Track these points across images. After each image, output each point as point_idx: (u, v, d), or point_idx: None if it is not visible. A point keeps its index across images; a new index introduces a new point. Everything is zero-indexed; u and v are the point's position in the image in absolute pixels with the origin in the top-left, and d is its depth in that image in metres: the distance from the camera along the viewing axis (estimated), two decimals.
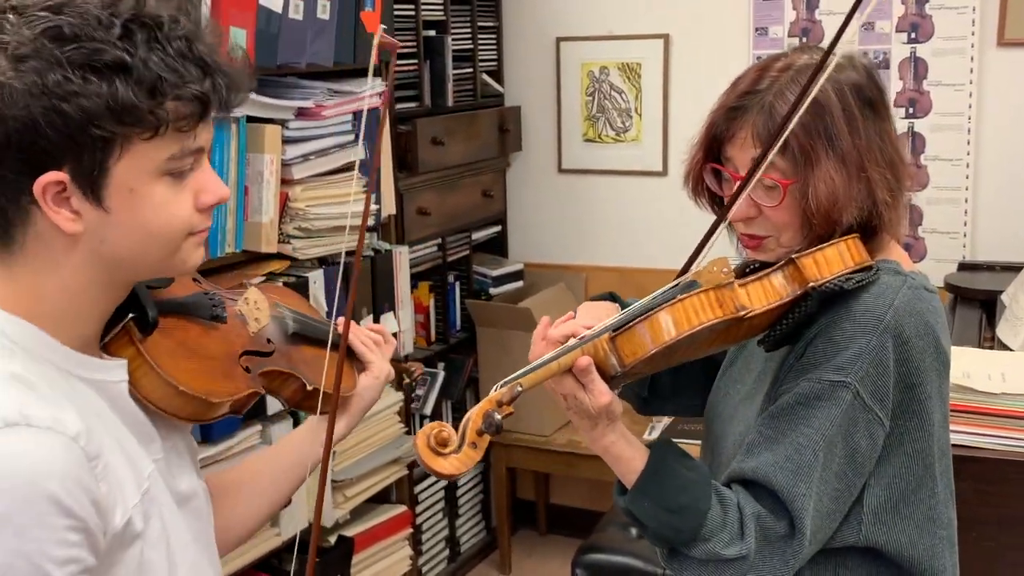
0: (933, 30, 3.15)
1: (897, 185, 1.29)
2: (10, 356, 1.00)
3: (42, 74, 0.95)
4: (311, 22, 2.51)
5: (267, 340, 1.32)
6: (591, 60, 3.62)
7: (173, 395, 1.14)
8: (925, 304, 1.25)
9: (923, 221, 3.25)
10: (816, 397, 1.21)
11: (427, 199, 3.25)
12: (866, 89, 1.28)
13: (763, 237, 1.31)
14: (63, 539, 0.96)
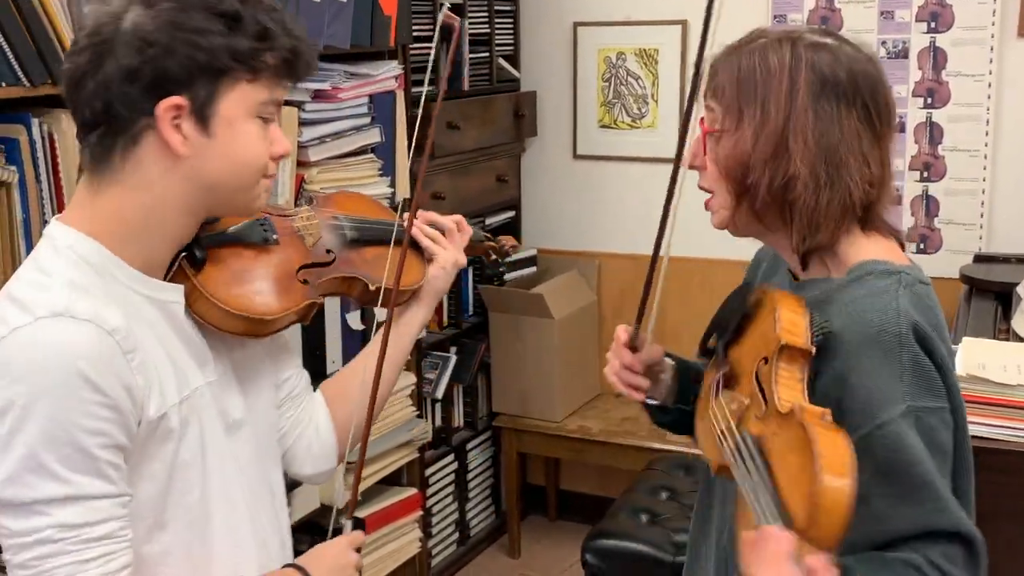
0: (953, 20, 3.13)
1: (831, 170, 1.27)
2: (74, 267, 1.17)
3: (176, 13, 1.15)
4: (328, 4, 2.51)
5: (327, 251, 1.43)
6: (608, 45, 3.61)
7: (229, 317, 1.27)
8: (924, 300, 1.26)
9: (939, 212, 3.24)
10: (896, 437, 1.20)
11: (442, 183, 3.25)
12: (831, 74, 1.28)
13: (710, 193, 1.37)
14: (92, 412, 1.11)
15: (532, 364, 3.50)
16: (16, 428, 1.09)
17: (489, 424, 3.66)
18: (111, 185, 1.19)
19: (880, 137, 1.31)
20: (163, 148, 1.18)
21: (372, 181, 2.75)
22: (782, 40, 1.32)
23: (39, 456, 1.09)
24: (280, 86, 1.24)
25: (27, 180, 1.84)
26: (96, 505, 1.12)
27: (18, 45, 1.82)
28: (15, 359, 1.10)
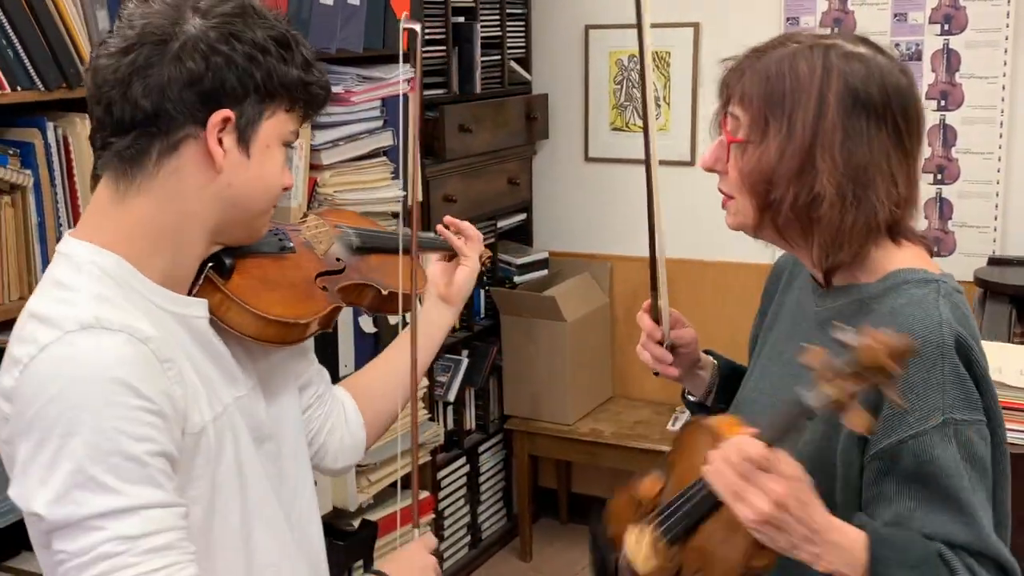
0: (967, 22, 3.12)
1: (858, 190, 1.23)
2: (99, 281, 1.13)
3: (237, 27, 1.15)
4: (341, 8, 2.52)
5: (336, 259, 1.43)
6: (619, 48, 3.61)
7: (265, 324, 1.25)
8: (961, 311, 1.24)
9: (953, 215, 3.22)
10: (931, 447, 1.18)
11: (453, 186, 3.25)
12: (863, 89, 1.23)
13: (729, 197, 1.33)
14: (136, 417, 1.07)
15: (544, 367, 3.50)
16: (60, 446, 1.05)
17: (501, 427, 3.66)
18: (140, 194, 1.16)
19: (909, 155, 1.27)
20: (203, 160, 1.16)
21: (384, 184, 2.75)
22: (814, 47, 1.26)
23: (87, 470, 1.05)
24: (303, 119, 1.24)
25: (42, 184, 1.85)
26: (153, 515, 1.07)
27: (33, 49, 1.83)
28: (50, 376, 1.07)
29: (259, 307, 1.24)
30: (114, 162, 1.16)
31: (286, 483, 1.33)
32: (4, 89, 1.80)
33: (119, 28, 1.16)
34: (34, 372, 1.08)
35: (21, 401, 1.08)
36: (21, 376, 1.08)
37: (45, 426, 1.06)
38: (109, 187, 1.17)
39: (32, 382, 1.07)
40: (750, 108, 1.27)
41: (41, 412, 1.06)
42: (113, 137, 1.15)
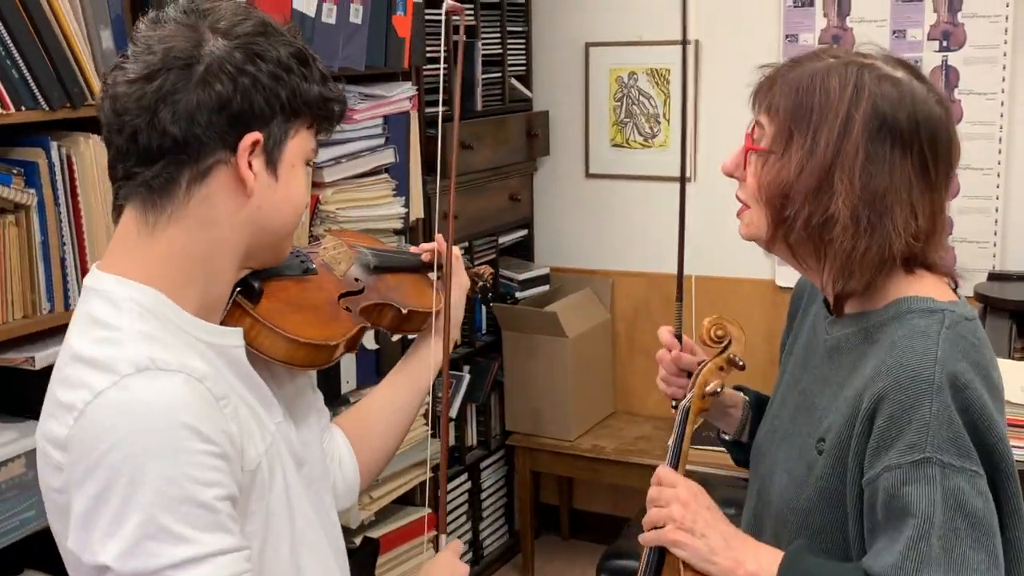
0: (965, 38, 3.14)
1: (873, 216, 1.21)
2: (141, 318, 1.10)
3: (259, 46, 1.12)
4: (343, 26, 2.53)
5: (355, 279, 1.42)
6: (620, 65, 3.63)
7: (296, 348, 1.24)
8: (968, 340, 1.20)
9: (953, 230, 3.23)
10: (904, 483, 1.15)
11: (455, 203, 3.26)
12: (891, 114, 1.21)
13: (745, 205, 1.31)
14: (204, 463, 1.04)
15: (545, 383, 3.50)
16: (127, 496, 1.01)
17: (502, 443, 3.66)
18: (170, 224, 1.12)
19: (934, 187, 1.24)
20: (234, 185, 1.13)
21: (386, 201, 2.76)
22: (850, 64, 1.24)
23: (157, 519, 1.01)
24: (318, 135, 1.22)
25: (46, 203, 1.86)
26: (223, 562, 1.04)
27: (37, 69, 1.85)
28: (110, 423, 1.02)
29: (290, 330, 1.22)
30: (141, 192, 1.12)
31: (323, 505, 1.32)
32: (8, 109, 1.81)
33: (136, 53, 1.12)
34: (92, 419, 1.03)
35: (78, 449, 1.04)
36: (77, 424, 1.04)
37: (109, 476, 1.02)
38: (137, 218, 1.13)
39: (90, 429, 1.03)
40: (776, 119, 1.25)
41: (103, 461, 1.02)
42: (139, 167, 1.11)
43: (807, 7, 3.30)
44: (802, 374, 1.38)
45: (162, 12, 1.15)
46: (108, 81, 1.14)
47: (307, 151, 1.19)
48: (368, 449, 1.48)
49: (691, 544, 1.27)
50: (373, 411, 1.51)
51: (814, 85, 1.23)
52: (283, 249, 1.24)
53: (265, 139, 1.13)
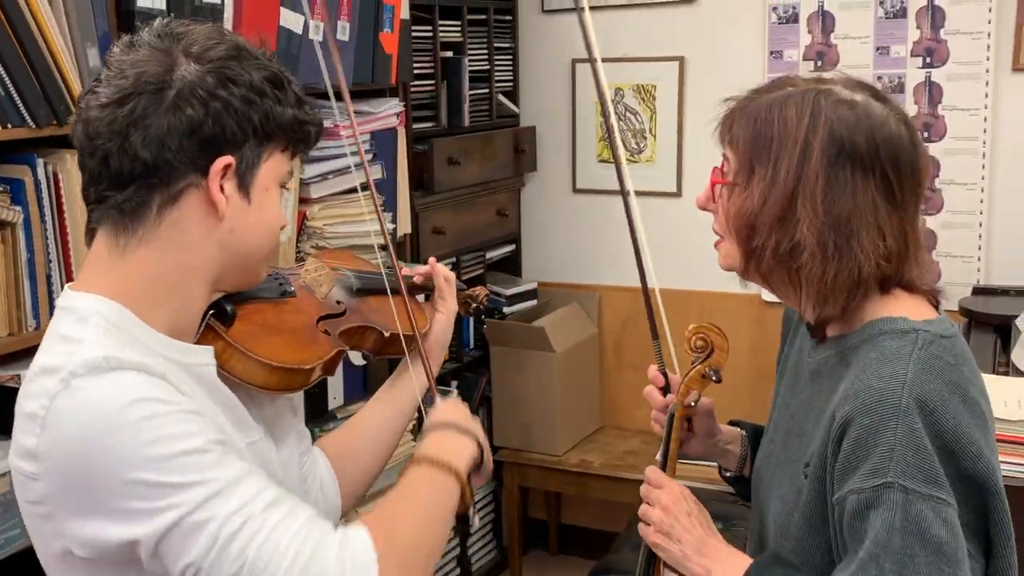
0: (948, 55, 3.16)
1: (840, 241, 1.20)
2: (106, 332, 1.10)
3: (231, 70, 1.12)
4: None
5: (336, 302, 1.40)
6: (606, 82, 3.64)
7: (269, 372, 1.22)
8: (943, 360, 1.18)
9: (938, 245, 3.25)
10: (866, 507, 1.15)
11: (442, 218, 3.27)
12: (848, 139, 1.20)
13: (721, 238, 1.33)
14: (176, 419, 1.05)
15: (533, 398, 3.50)
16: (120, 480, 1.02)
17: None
18: (141, 246, 1.13)
19: (900, 207, 1.22)
20: (205, 208, 1.13)
21: (373, 217, 2.76)
22: (807, 92, 1.24)
23: (159, 481, 1.02)
24: (294, 157, 1.22)
25: (32, 220, 1.86)
26: (248, 483, 1.06)
27: (23, 86, 1.85)
28: (74, 423, 1.03)
29: (262, 354, 1.22)
30: (113, 215, 1.13)
31: None
32: None
33: (109, 77, 1.13)
34: (55, 423, 1.04)
35: (50, 455, 1.05)
36: (43, 431, 1.05)
37: (91, 466, 1.03)
38: (108, 241, 1.14)
39: (57, 433, 1.04)
40: (738, 151, 1.27)
41: (79, 455, 1.03)
42: (111, 190, 1.12)
43: (791, 24, 3.33)
44: (791, 398, 1.38)
45: (136, 36, 1.15)
46: (81, 105, 1.14)
47: (282, 174, 1.20)
48: (352, 472, 1.47)
49: (667, 548, 1.34)
50: (357, 434, 1.50)
51: (771, 116, 1.24)
52: (257, 272, 1.24)
53: (237, 162, 1.14)
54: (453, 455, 1.26)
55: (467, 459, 1.28)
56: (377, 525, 1.12)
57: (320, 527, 1.08)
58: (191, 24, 1.17)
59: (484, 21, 3.52)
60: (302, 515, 1.08)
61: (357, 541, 1.09)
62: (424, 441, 1.28)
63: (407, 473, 1.22)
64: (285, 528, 1.06)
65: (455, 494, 1.23)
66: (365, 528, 1.11)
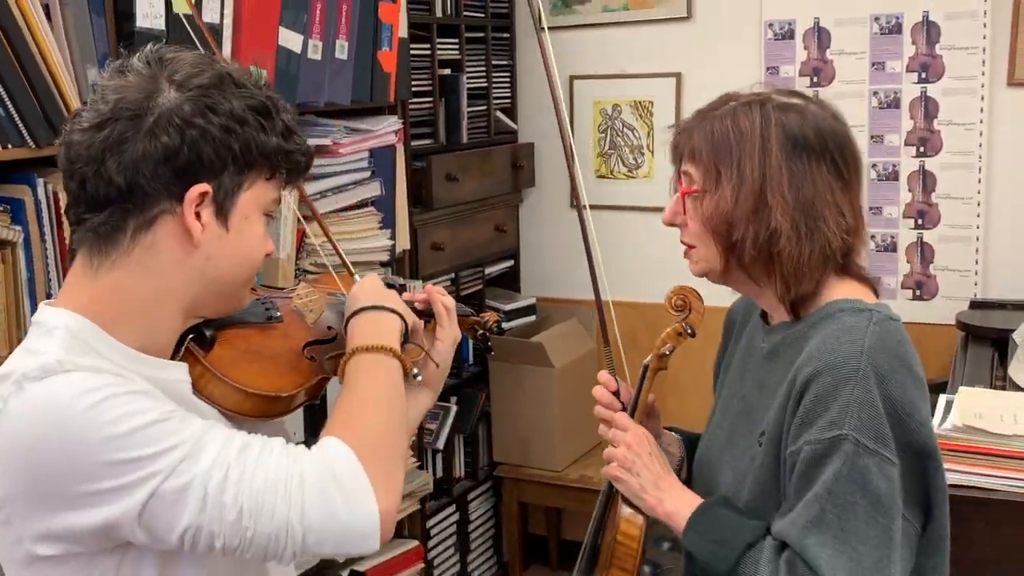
0: (943, 70, 3.18)
1: (810, 223, 1.35)
2: (67, 344, 1.10)
3: (212, 98, 1.13)
4: (329, 62, 2.56)
5: (328, 327, 1.39)
6: (604, 98, 3.66)
7: (244, 399, 1.22)
8: (894, 336, 1.32)
9: (935, 259, 3.26)
10: (821, 456, 1.27)
11: (441, 234, 3.28)
12: (800, 134, 1.36)
13: (691, 246, 1.44)
14: (127, 399, 1.06)
15: (532, 413, 3.51)
16: (86, 469, 1.04)
17: (490, 474, 3.66)
18: (113, 269, 1.14)
19: (849, 187, 1.39)
20: (180, 235, 1.14)
21: (372, 234, 2.78)
22: (751, 103, 1.39)
23: (125, 458, 1.04)
24: (285, 186, 1.23)
25: (32, 239, 1.87)
26: (213, 435, 1.08)
27: (23, 106, 1.86)
28: (25, 426, 1.05)
29: (238, 379, 1.21)
30: (89, 237, 1.15)
31: None
32: None
33: (92, 102, 1.15)
34: (6, 426, 1.06)
35: (6, 459, 1.07)
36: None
37: (52, 459, 1.04)
38: (84, 263, 1.16)
39: (9, 436, 1.06)
40: (701, 161, 1.39)
41: (38, 452, 1.04)
42: (88, 213, 1.14)
43: (787, 40, 3.35)
44: (740, 385, 1.50)
45: (127, 61, 1.17)
46: (65, 128, 1.16)
47: (265, 202, 1.20)
48: None
49: (626, 481, 1.48)
50: None
51: (726, 127, 1.37)
52: (238, 299, 1.24)
53: (215, 190, 1.14)
54: (380, 334, 1.28)
55: (395, 332, 1.31)
56: (340, 429, 1.16)
57: (295, 450, 1.12)
58: (181, 51, 1.19)
59: (482, 39, 3.54)
60: (276, 447, 1.11)
61: (331, 447, 1.13)
62: (351, 333, 1.30)
63: (348, 370, 1.25)
64: (264, 464, 1.08)
65: (397, 369, 1.26)
66: (331, 435, 1.15)
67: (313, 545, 1.09)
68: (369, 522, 1.10)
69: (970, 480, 1.83)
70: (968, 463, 1.83)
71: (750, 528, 1.33)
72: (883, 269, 3.31)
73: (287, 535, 1.08)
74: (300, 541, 1.08)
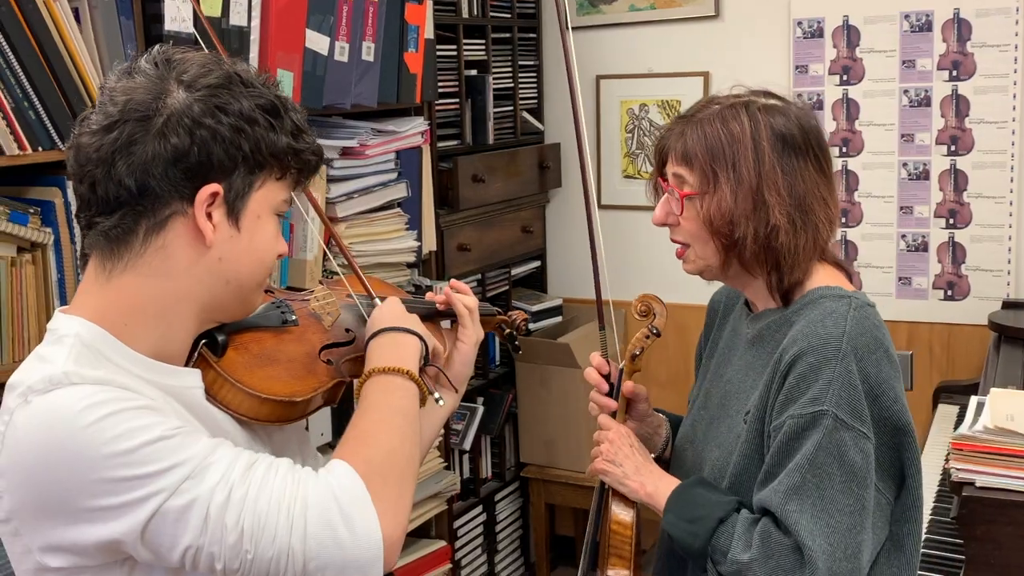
0: (975, 68, 3.14)
1: (803, 216, 1.43)
2: (77, 353, 1.09)
3: (222, 99, 1.12)
4: (356, 64, 2.57)
5: (346, 330, 1.37)
6: (631, 98, 3.65)
7: (259, 404, 1.20)
8: (871, 320, 1.41)
9: (966, 259, 3.23)
10: (802, 429, 1.35)
11: (467, 235, 3.28)
12: (788, 133, 1.44)
13: (685, 246, 1.51)
14: (133, 415, 1.04)
15: (559, 414, 3.50)
16: (87, 483, 1.02)
17: (517, 475, 3.66)
18: (125, 272, 1.13)
19: (829, 180, 1.48)
20: (192, 237, 1.13)
21: (399, 235, 2.78)
22: (736, 106, 1.46)
23: (128, 474, 1.02)
24: (295, 186, 1.22)
25: (62, 241, 1.89)
26: (221, 454, 1.06)
27: (53, 109, 1.88)
28: (29, 441, 1.04)
29: (252, 385, 1.19)
30: (101, 241, 1.13)
31: None
32: (25, 150, 1.84)
33: (101, 104, 1.13)
34: (13, 439, 1.05)
35: (12, 470, 1.05)
36: (3, 448, 1.06)
37: (58, 474, 1.02)
38: (97, 267, 1.15)
39: (16, 449, 1.05)
40: (695, 164, 1.45)
41: (43, 466, 1.03)
42: (99, 216, 1.12)
43: (816, 38, 3.32)
44: (725, 369, 1.58)
45: (134, 63, 1.16)
46: (74, 131, 1.15)
47: (276, 202, 1.19)
48: None
49: (610, 471, 1.60)
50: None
51: (716, 130, 1.44)
52: (250, 302, 1.22)
53: (226, 191, 1.13)
54: (398, 357, 1.27)
55: (413, 354, 1.29)
56: (350, 453, 1.14)
57: (300, 473, 1.10)
58: (188, 51, 1.18)
59: (508, 39, 3.54)
60: (281, 468, 1.09)
61: (338, 471, 1.11)
62: (369, 355, 1.29)
63: (363, 392, 1.23)
64: (269, 485, 1.07)
65: (413, 392, 1.25)
66: (340, 459, 1.13)
67: (314, 572, 1.07)
68: (372, 551, 1.08)
69: (1001, 483, 1.81)
70: (999, 465, 1.80)
71: (722, 504, 1.41)
72: (914, 269, 3.28)
73: (288, 560, 1.06)
74: (301, 567, 1.06)
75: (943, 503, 2.36)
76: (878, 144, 3.27)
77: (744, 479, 1.44)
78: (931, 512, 2.31)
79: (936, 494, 2.41)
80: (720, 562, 1.38)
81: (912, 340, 3.24)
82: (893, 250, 3.30)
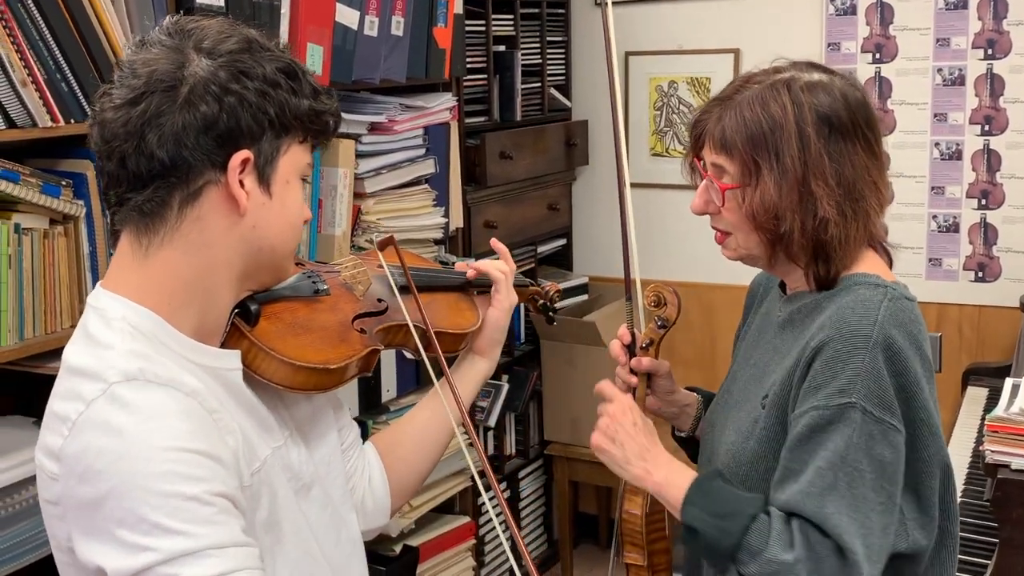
0: (1011, 46, 3.10)
1: (853, 204, 1.34)
2: (132, 337, 1.10)
3: (244, 64, 1.11)
4: (385, 39, 2.56)
5: (378, 300, 1.38)
6: (659, 74, 3.62)
7: (293, 372, 1.20)
8: (907, 314, 1.32)
9: (998, 240, 3.19)
10: (828, 422, 1.27)
11: (494, 212, 3.28)
12: (833, 115, 1.33)
13: (726, 233, 1.42)
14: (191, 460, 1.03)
15: (584, 392, 3.49)
16: (120, 500, 1.01)
17: (541, 452, 3.66)
18: (163, 247, 1.12)
19: (880, 161, 1.38)
20: (226, 205, 1.12)
21: (426, 211, 2.78)
22: (776, 85, 1.35)
23: (149, 517, 1.00)
24: (314, 149, 1.21)
25: (94, 214, 1.90)
26: (230, 553, 1.02)
27: (85, 82, 1.88)
28: (100, 432, 1.03)
29: (287, 353, 1.19)
30: (134, 217, 1.12)
31: (343, 524, 1.30)
32: (58, 122, 1.84)
33: (121, 77, 1.11)
34: (82, 431, 1.04)
35: (71, 461, 1.04)
36: (71, 435, 1.04)
37: (101, 483, 1.01)
38: (132, 243, 1.13)
39: (82, 440, 1.04)
40: (735, 154, 1.35)
41: (94, 469, 1.02)
42: (130, 192, 1.11)
43: (849, 15, 3.28)
44: (753, 352, 1.50)
45: (147, 35, 1.14)
46: (96, 108, 1.13)
47: (301, 166, 1.18)
48: (400, 471, 1.46)
49: (609, 450, 1.47)
50: (407, 434, 1.48)
51: (756, 115, 1.34)
52: (284, 269, 1.22)
53: (256, 156, 1.12)
54: None
55: None
56: None
57: None
58: (201, 19, 1.16)
59: (537, 15, 3.52)
60: None
61: None
62: None
63: None
64: None
65: None
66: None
67: None
68: None
69: None
70: None
71: (750, 501, 1.32)
72: (945, 250, 3.24)
73: None
74: None
75: (973, 485, 2.35)
76: (910, 123, 3.23)
77: (759, 468, 1.37)
78: (961, 495, 2.29)
79: (967, 476, 2.40)
80: (747, 562, 1.28)
81: (941, 321, 3.22)
82: (924, 231, 3.27)
